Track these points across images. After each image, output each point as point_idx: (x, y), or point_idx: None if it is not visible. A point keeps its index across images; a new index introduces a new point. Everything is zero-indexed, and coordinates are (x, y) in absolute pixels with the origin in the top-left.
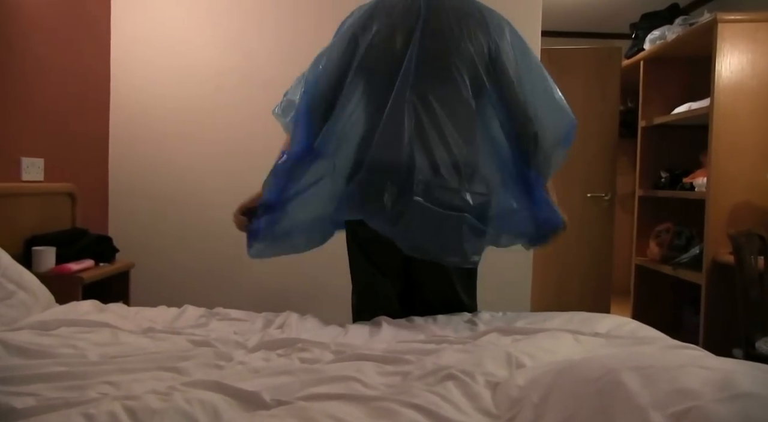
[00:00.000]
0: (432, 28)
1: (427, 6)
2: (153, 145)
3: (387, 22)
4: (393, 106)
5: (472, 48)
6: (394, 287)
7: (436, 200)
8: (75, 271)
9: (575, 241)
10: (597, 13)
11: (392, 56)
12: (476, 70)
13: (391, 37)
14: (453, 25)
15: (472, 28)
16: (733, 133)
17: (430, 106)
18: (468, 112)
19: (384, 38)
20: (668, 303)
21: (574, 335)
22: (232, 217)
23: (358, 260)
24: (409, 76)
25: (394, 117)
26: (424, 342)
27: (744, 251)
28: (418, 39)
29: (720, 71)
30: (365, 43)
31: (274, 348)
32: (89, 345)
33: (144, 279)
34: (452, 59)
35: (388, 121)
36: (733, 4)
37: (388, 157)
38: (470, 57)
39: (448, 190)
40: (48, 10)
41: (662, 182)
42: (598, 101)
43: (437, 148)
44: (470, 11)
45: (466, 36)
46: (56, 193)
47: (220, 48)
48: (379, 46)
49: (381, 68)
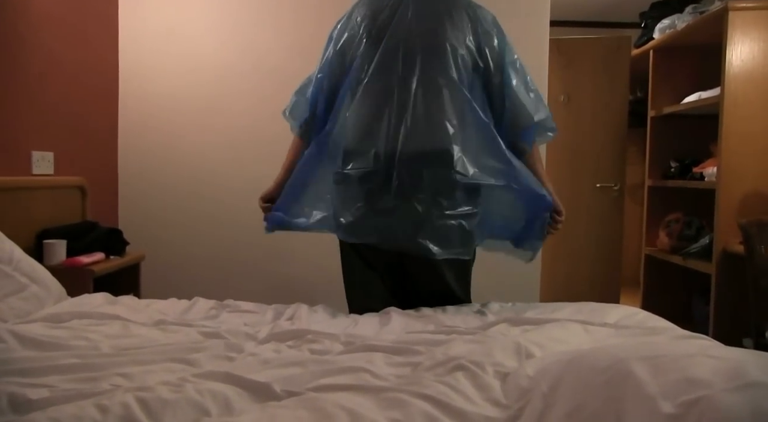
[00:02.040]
0: (424, 16)
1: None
2: (162, 138)
3: (377, 12)
4: (382, 93)
5: (461, 36)
6: (385, 283)
7: (424, 191)
8: (86, 264)
9: (584, 231)
10: (606, 2)
11: (382, 44)
12: (465, 56)
13: (383, 25)
14: (443, 13)
15: (461, 17)
16: (743, 122)
17: (420, 92)
18: (460, 96)
19: (374, 28)
20: (678, 293)
21: (584, 325)
22: (249, 205)
23: (349, 256)
24: (399, 63)
25: (379, 104)
26: (434, 333)
27: (754, 240)
28: (408, 26)
29: (731, 60)
30: (356, 39)
31: (284, 340)
32: (101, 337)
33: (155, 271)
34: (444, 45)
35: (377, 109)
36: None
37: (374, 147)
38: (460, 44)
39: (436, 180)
40: (57, 3)
41: (672, 172)
42: (608, 91)
43: (424, 136)
44: (458, 2)
45: (456, 24)
46: (66, 187)
47: (228, 39)
48: (370, 39)
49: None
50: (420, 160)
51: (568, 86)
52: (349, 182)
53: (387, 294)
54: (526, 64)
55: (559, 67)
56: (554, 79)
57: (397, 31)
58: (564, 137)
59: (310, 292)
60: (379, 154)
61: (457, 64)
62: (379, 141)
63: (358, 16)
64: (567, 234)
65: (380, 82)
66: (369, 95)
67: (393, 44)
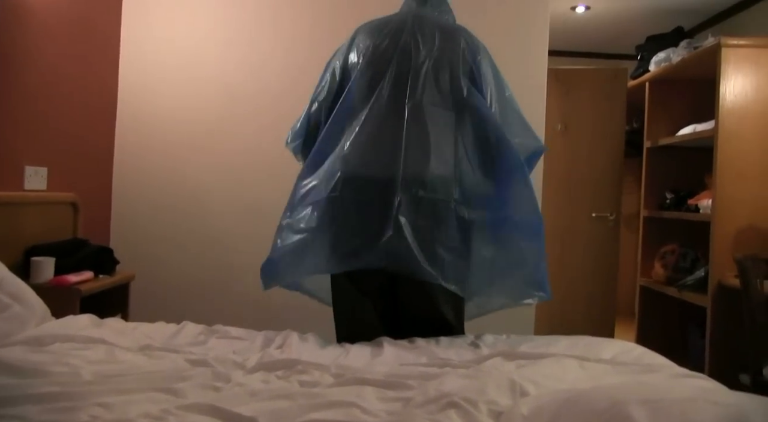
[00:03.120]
0: (423, 46)
1: (415, 24)
2: (158, 157)
3: (377, 40)
4: (376, 120)
5: (456, 65)
6: (376, 307)
7: (421, 217)
8: (74, 283)
9: (580, 261)
10: (603, 34)
11: (384, 72)
12: (458, 85)
13: (381, 54)
14: (440, 42)
15: (456, 46)
16: (737, 156)
17: (419, 120)
18: (458, 125)
19: (375, 56)
20: (674, 325)
21: (579, 361)
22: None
23: (339, 280)
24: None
25: (378, 131)
26: (427, 366)
27: (750, 275)
28: (407, 54)
29: (724, 94)
30: (356, 65)
31: (273, 370)
32: (84, 362)
33: (145, 292)
34: (443, 75)
35: (372, 135)
36: (737, 28)
37: (372, 172)
38: (454, 73)
39: (433, 205)
40: (59, 20)
41: (667, 203)
42: (605, 121)
43: (422, 162)
44: (455, 32)
45: (450, 53)
46: (59, 203)
47: (228, 60)
48: (370, 65)
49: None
50: (419, 186)
51: (566, 115)
52: (346, 208)
53: (377, 320)
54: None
55: (557, 97)
56: (552, 108)
57: (397, 61)
58: (560, 166)
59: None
60: (379, 180)
61: (455, 93)
62: (379, 167)
63: (359, 43)
64: (563, 263)
65: (380, 111)
66: (368, 123)
67: (394, 74)
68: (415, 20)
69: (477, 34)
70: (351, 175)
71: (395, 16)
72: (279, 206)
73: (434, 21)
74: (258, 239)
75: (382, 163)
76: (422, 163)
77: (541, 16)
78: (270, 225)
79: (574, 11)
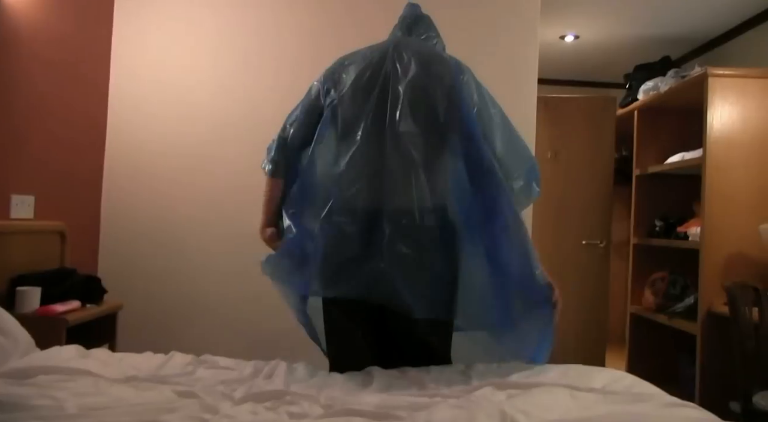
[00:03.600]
0: (399, 73)
1: (396, 53)
2: (147, 186)
3: (359, 70)
4: (361, 150)
5: (435, 91)
6: (365, 335)
7: (407, 247)
8: (60, 313)
9: (570, 288)
10: (592, 62)
11: (366, 102)
12: (441, 111)
13: (364, 84)
14: (419, 69)
15: (436, 72)
16: (725, 184)
17: (396, 149)
18: (445, 153)
19: (358, 86)
20: (664, 352)
21: (570, 390)
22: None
23: (330, 310)
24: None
25: (364, 160)
26: (417, 396)
27: (739, 302)
28: (386, 83)
29: (711, 123)
30: (338, 94)
31: (261, 401)
32: (68, 395)
33: (133, 321)
34: (418, 101)
35: (358, 165)
36: (722, 58)
37: (360, 202)
38: (433, 99)
39: (419, 234)
40: (48, 48)
41: (657, 231)
42: (594, 149)
43: (406, 191)
44: (435, 58)
45: (430, 79)
46: (46, 232)
47: (219, 92)
48: (354, 95)
49: (354, 114)
50: (406, 216)
51: (556, 143)
52: (334, 234)
53: (367, 348)
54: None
55: (547, 125)
56: (542, 136)
57: (379, 90)
58: (550, 193)
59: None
60: (366, 209)
61: (435, 119)
62: (366, 196)
63: (342, 72)
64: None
65: (364, 140)
66: (354, 153)
67: (375, 103)
68: (396, 48)
69: (467, 62)
70: (340, 203)
71: (378, 45)
72: None
73: (416, 48)
74: (246, 270)
75: (370, 192)
76: (406, 192)
77: (531, 44)
78: (258, 256)
79: (563, 40)
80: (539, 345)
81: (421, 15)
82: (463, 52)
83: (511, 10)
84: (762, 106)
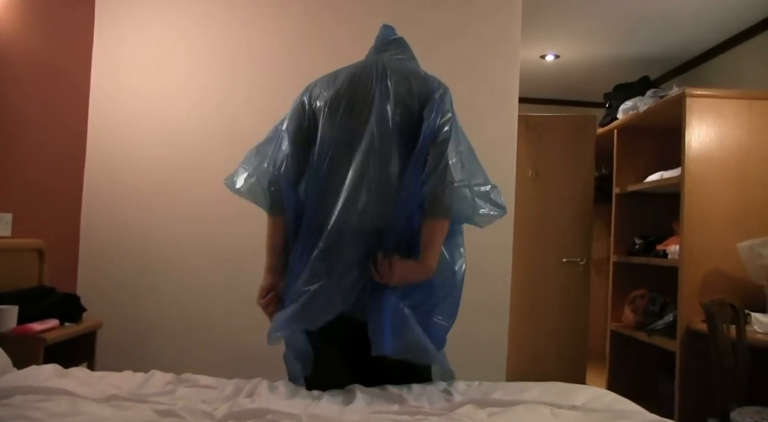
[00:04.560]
0: (374, 92)
1: (365, 72)
2: (127, 203)
3: (334, 90)
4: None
5: (407, 109)
6: (344, 357)
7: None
8: (38, 331)
9: (551, 306)
10: (572, 82)
11: (341, 123)
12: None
13: (338, 105)
14: (394, 86)
15: (409, 90)
16: (704, 202)
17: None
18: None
19: (331, 107)
20: (644, 369)
21: (551, 408)
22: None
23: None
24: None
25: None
26: (398, 413)
27: (717, 320)
28: (359, 103)
29: (689, 142)
30: (320, 114)
31: (242, 419)
32: (45, 415)
33: (112, 339)
34: (390, 119)
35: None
36: (700, 78)
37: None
38: (405, 117)
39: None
40: (28, 65)
41: (636, 248)
42: (574, 167)
43: (385, 210)
44: (408, 76)
45: (400, 97)
46: (24, 249)
47: (199, 108)
48: (330, 115)
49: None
50: (373, 234)
51: (536, 162)
52: (307, 259)
53: (345, 368)
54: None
55: (527, 143)
56: (522, 155)
57: (355, 111)
58: (531, 212)
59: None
60: (334, 229)
61: (407, 137)
62: (332, 216)
63: (316, 95)
64: (534, 308)
65: (332, 161)
66: (322, 173)
67: (351, 124)
68: (370, 67)
69: (449, 80)
70: (314, 224)
71: (352, 66)
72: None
73: (392, 67)
74: (227, 287)
75: (352, 213)
76: (385, 211)
77: (512, 64)
78: (239, 272)
79: (543, 59)
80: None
81: (396, 37)
82: (445, 71)
83: (493, 29)
84: (738, 126)
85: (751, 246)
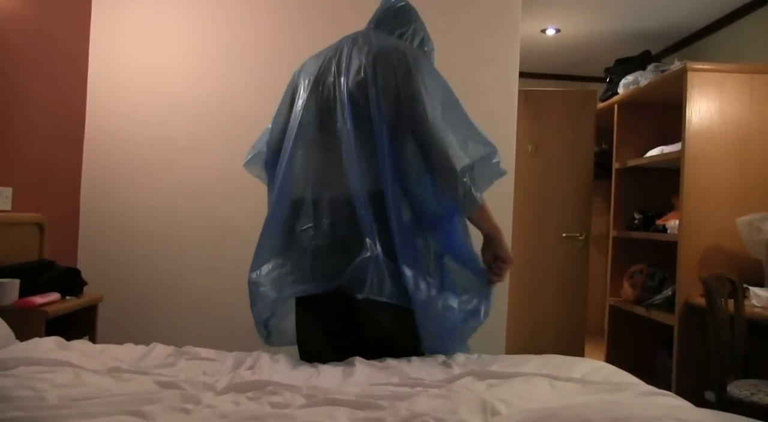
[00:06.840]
0: (351, 67)
1: (347, 47)
2: (127, 178)
3: (319, 66)
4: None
5: (386, 83)
6: (328, 329)
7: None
8: (39, 305)
9: (550, 281)
10: (573, 56)
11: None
12: (389, 108)
13: (319, 80)
14: (372, 60)
15: (387, 64)
16: (704, 177)
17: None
18: (378, 150)
19: (315, 83)
20: (642, 343)
21: (550, 380)
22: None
23: (296, 306)
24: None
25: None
26: (398, 386)
27: (715, 294)
28: (337, 77)
29: (690, 117)
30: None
31: (243, 391)
32: (49, 386)
33: (113, 313)
34: (369, 99)
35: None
36: (701, 53)
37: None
38: (381, 91)
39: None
40: (25, 39)
41: (636, 223)
42: (574, 142)
43: (344, 183)
44: (387, 49)
45: (377, 70)
46: (24, 223)
47: (199, 84)
48: (312, 91)
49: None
50: (348, 202)
51: (536, 137)
52: (294, 232)
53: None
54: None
55: (527, 118)
56: (522, 130)
57: (325, 87)
58: (531, 187)
59: None
60: (317, 200)
61: (382, 111)
62: (315, 187)
63: (303, 72)
64: (533, 283)
65: (311, 134)
66: (302, 146)
67: (328, 98)
68: (352, 42)
69: (449, 56)
70: (297, 197)
71: (337, 42)
72: (249, 229)
73: (372, 41)
74: (227, 261)
75: (318, 183)
76: (352, 182)
77: (512, 38)
78: (240, 247)
79: (544, 34)
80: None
81: (398, 6)
82: (445, 46)
83: (493, 3)
84: (739, 101)
85: (750, 221)
